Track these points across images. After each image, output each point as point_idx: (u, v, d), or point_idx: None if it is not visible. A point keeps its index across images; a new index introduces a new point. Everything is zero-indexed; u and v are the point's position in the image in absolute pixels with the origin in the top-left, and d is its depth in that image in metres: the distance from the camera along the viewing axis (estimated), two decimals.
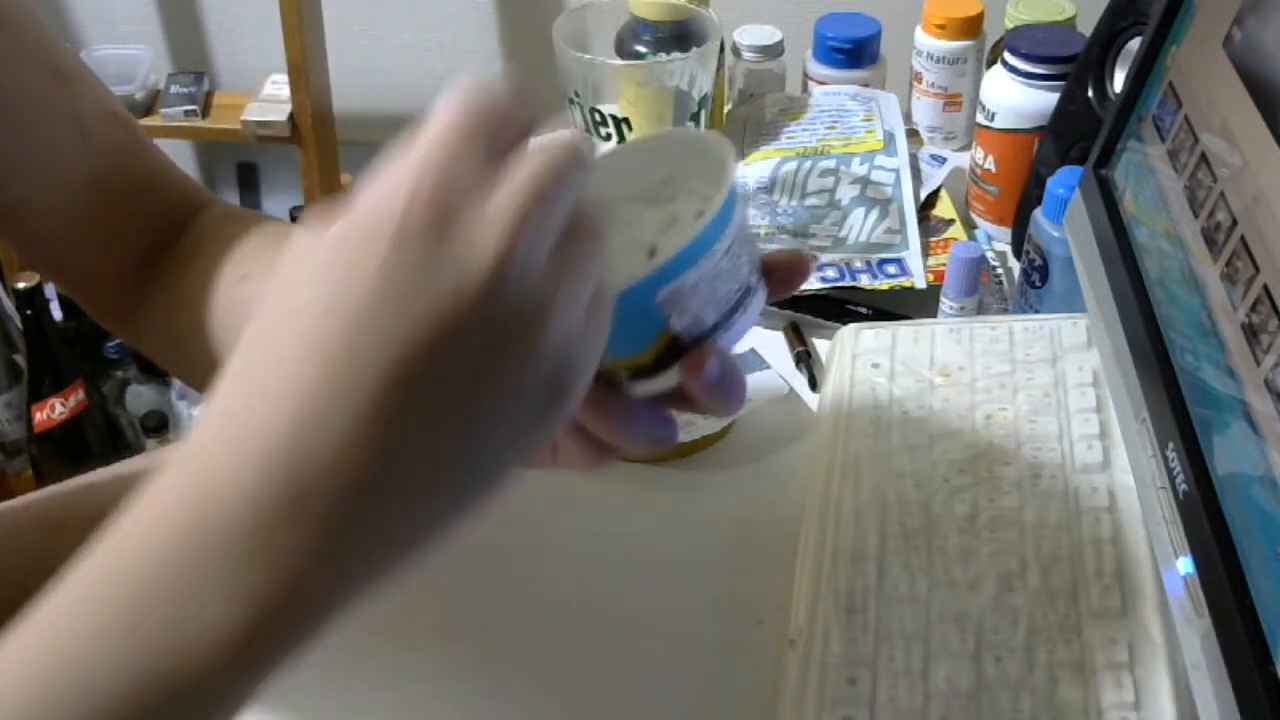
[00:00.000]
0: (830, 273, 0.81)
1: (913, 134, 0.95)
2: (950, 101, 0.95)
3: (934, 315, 0.78)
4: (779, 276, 0.48)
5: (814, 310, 0.79)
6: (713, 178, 0.48)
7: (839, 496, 0.62)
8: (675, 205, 0.49)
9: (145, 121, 1.80)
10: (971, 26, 0.92)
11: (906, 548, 0.59)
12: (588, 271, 0.37)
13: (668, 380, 0.46)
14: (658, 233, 0.47)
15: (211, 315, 0.65)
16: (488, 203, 0.35)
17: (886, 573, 0.58)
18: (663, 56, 0.76)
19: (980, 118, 0.86)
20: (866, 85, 0.94)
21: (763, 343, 0.77)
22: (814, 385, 0.75)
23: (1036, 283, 0.75)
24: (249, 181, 2.12)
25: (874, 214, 0.83)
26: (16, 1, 0.61)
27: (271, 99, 1.81)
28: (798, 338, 0.78)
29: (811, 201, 0.84)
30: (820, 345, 0.78)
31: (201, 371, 0.70)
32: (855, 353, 0.71)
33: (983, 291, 0.77)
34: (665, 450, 0.47)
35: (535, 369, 0.36)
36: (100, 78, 0.67)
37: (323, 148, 1.81)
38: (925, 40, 0.93)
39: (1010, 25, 0.90)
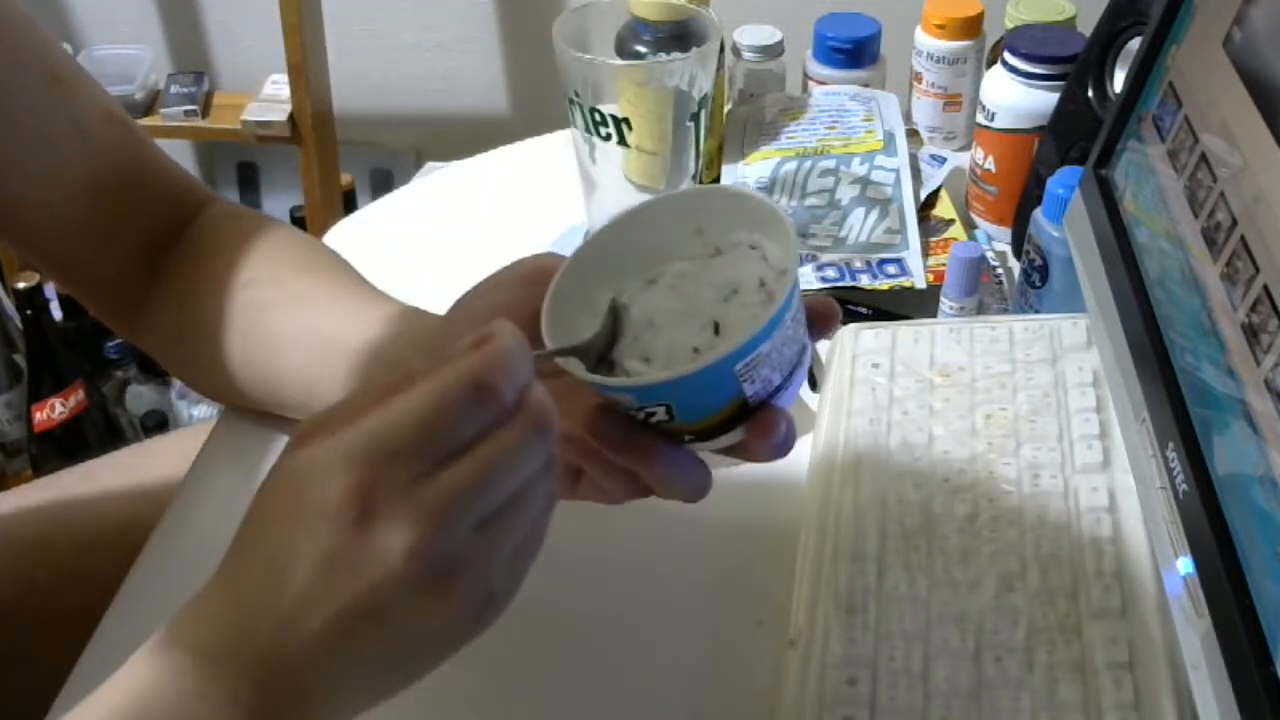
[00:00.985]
0: (830, 273, 0.81)
1: (913, 134, 0.95)
2: (950, 101, 0.95)
3: (934, 315, 0.78)
4: (814, 325, 0.50)
5: None
6: (756, 225, 0.49)
7: (839, 496, 0.62)
8: (726, 263, 0.49)
9: (145, 121, 1.79)
10: (971, 26, 0.92)
11: (906, 548, 0.59)
12: (514, 538, 0.43)
13: (732, 438, 0.48)
14: (718, 301, 0.48)
15: (214, 320, 0.65)
16: (420, 491, 0.40)
17: (886, 573, 0.58)
18: (663, 56, 0.76)
19: (980, 118, 0.86)
20: (866, 85, 0.94)
21: None
22: (814, 385, 0.75)
23: (1036, 283, 0.75)
24: (249, 181, 2.12)
25: (874, 214, 0.83)
26: (11, 7, 0.62)
27: (271, 99, 1.81)
28: None
29: (811, 201, 0.84)
30: (820, 345, 0.78)
31: (202, 373, 0.70)
32: (855, 353, 0.71)
33: (983, 291, 0.77)
34: (699, 499, 0.50)
35: (454, 615, 0.42)
36: (100, 78, 0.67)
37: (323, 148, 1.81)
38: (925, 40, 0.93)
39: (1010, 25, 0.90)
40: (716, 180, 0.88)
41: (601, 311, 0.49)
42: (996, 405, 0.65)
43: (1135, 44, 0.73)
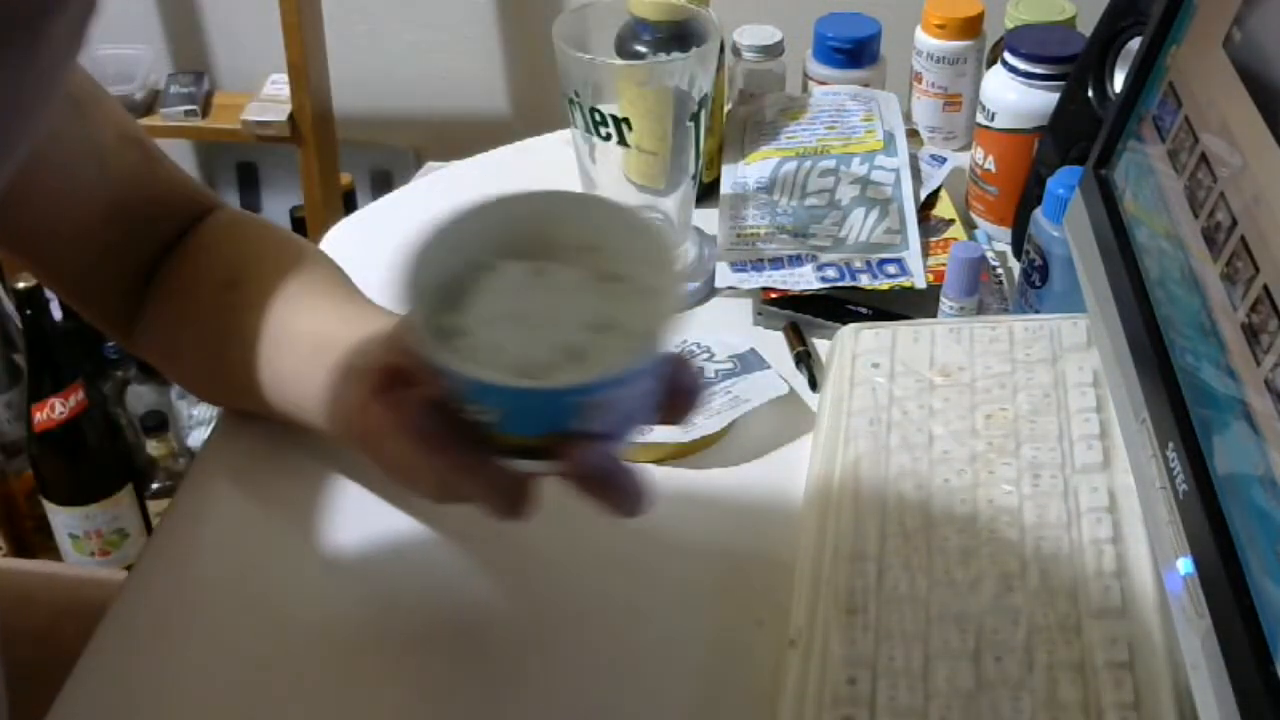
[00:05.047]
0: (830, 273, 0.81)
1: (913, 134, 0.95)
2: (950, 101, 0.95)
3: (934, 315, 0.78)
4: (672, 401, 0.48)
5: (814, 310, 0.79)
6: (659, 266, 0.47)
7: (839, 496, 0.62)
8: (615, 295, 0.47)
9: (145, 121, 1.79)
10: (971, 26, 0.92)
11: (906, 548, 0.59)
12: None
13: (548, 466, 0.46)
14: (588, 330, 0.46)
15: (199, 323, 0.65)
16: None
17: (886, 573, 0.58)
18: (663, 56, 0.76)
19: (980, 118, 0.86)
20: (866, 85, 0.94)
21: (763, 343, 0.77)
22: (814, 385, 0.75)
23: (1036, 283, 0.75)
24: (249, 181, 2.12)
25: (874, 214, 0.83)
26: None
27: (271, 99, 1.80)
28: (798, 338, 0.78)
29: (811, 201, 0.84)
30: (820, 345, 0.78)
31: (191, 377, 0.70)
32: (855, 353, 0.71)
33: (983, 291, 0.77)
34: (517, 517, 0.49)
35: None
36: (100, 78, 0.67)
37: (323, 148, 1.81)
38: (925, 40, 0.93)
39: (1010, 25, 0.90)
40: (716, 181, 0.88)
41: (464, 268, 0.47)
42: (996, 405, 0.65)
43: (1135, 44, 0.73)
